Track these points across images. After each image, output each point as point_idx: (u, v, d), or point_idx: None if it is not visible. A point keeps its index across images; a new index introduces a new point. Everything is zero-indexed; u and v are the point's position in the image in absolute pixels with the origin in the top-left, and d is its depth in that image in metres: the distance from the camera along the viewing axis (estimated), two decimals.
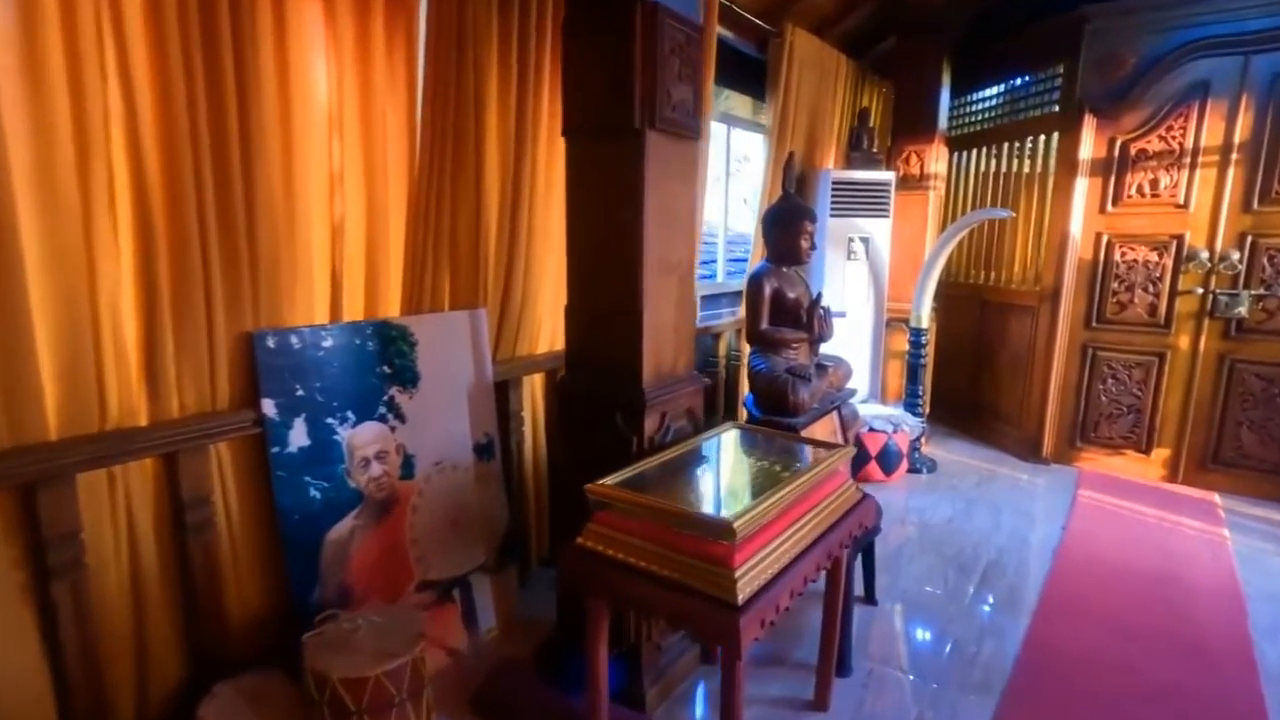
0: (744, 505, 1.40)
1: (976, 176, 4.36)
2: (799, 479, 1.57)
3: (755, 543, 1.39)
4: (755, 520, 1.37)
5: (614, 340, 1.83)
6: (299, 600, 1.75)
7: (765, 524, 1.42)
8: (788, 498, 1.50)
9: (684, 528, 1.37)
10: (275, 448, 1.70)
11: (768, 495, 1.45)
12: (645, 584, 1.39)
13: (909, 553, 2.86)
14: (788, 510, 1.51)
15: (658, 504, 1.41)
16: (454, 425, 2.13)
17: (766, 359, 2.85)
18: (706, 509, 1.49)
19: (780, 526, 1.48)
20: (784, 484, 1.52)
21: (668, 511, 1.39)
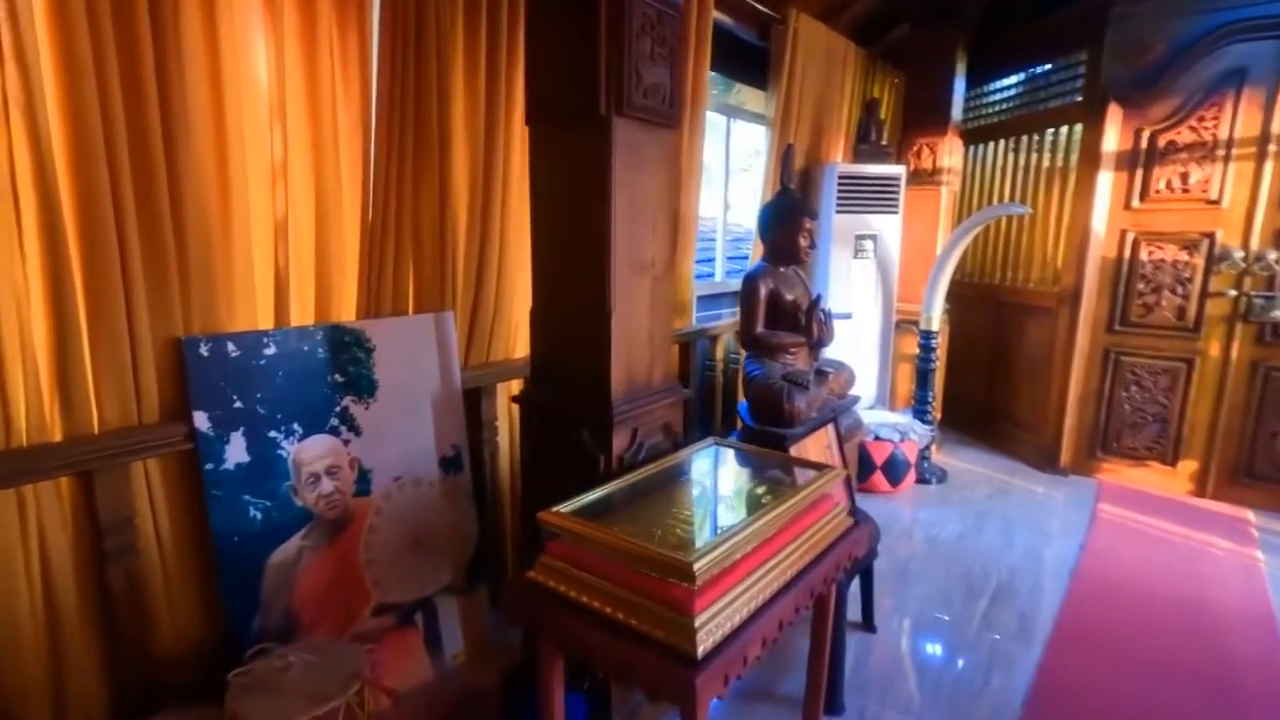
0: (707, 541, 1.23)
1: (992, 171, 4.14)
2: (781, 506, 1.40)
3: (722, 583, 1.22)
4: (722, 559, 1.20)
5: (580, 348, 1.67)
6: (236, 630, 1.61)
7: (736, 561, 1.25)
8: (766, 529, 1.33)
9: (640, 566, 1.21)
10: (209, 464, 1.56)
11: (741, 527, 1.28)
12: (596, 628, 1.23)
13: (914, 571, 2.67)
14: (766, 543, 1.35)
15: (610, 538, 1.25)
16: (416, 437, 1.99)
17: (762, 365, 2.68)
18: (670, 543, 1.33)
19: (754, 562, 1.31)
20: (763, 512, 1.36)
21: (620, 547, 1.23)
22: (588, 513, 1.42)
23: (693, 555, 1.16)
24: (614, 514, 1.46)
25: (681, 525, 1.41)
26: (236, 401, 1.61)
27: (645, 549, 1.20)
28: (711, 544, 1.20)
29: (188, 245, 1.50)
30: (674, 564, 1.15)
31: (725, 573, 1.23)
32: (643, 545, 1.21)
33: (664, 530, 1.39)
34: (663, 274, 1.76)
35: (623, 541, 1.23)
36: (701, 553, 1.17)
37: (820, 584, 1.46)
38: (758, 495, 1.58)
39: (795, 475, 1.70)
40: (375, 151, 1.81)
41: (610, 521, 1.42)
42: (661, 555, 1.17)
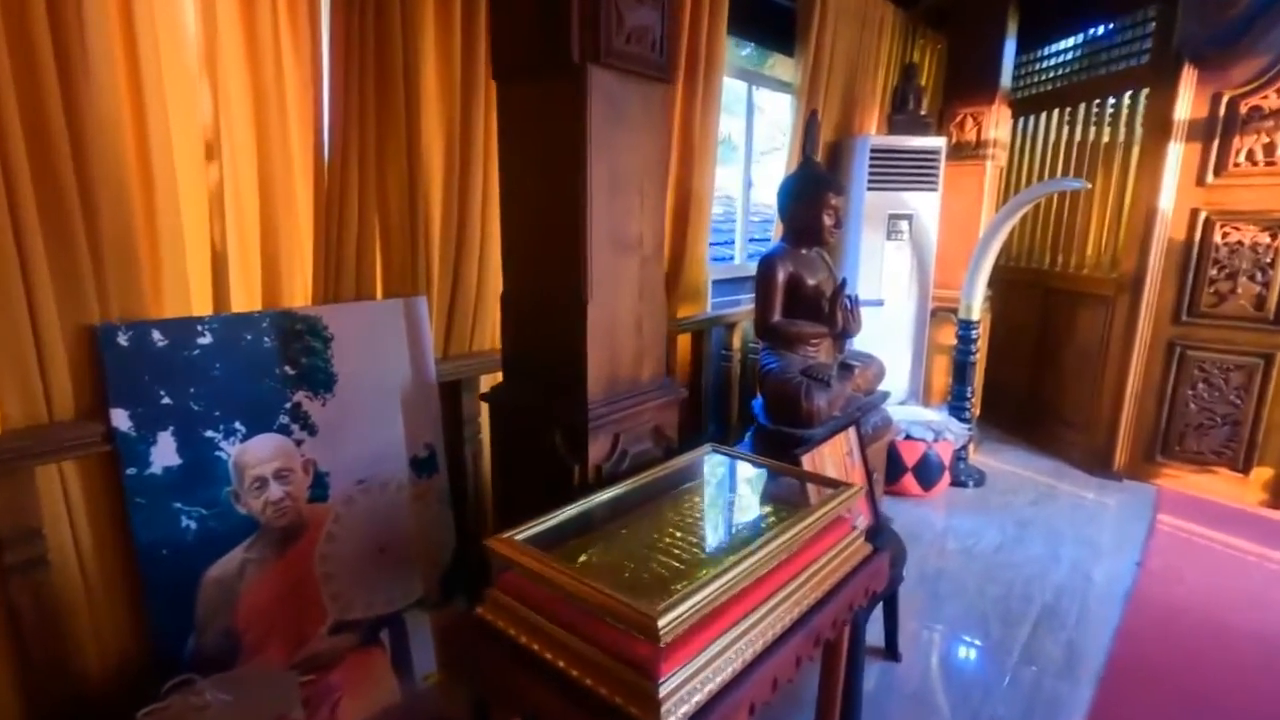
0: (685, 585, 0.99)
1: (1044, 145, 3.77)
2: (784, 534, 1.15)
3: (701, 637, 0.99)
4: (701, 606, 0.96)
5: (554, 340, 1.44)
6: (166, 653, 1.44)
7: (720, 607, 1.02)
8: (762, 564, 1.09)
9: (599, 614, 0.98)
10: (131, 468, 1.38)
11: (729, 565, 1.04)
12: (545, 684, 1.01)
13: (945, 589, 2.40)
14: (760, 582, 1.11)
15: (563, 577, 1.02)
16: (383, 436, 1.79)
17: (780, 357, 2.42)
18: (642, 583, 1.10)
19: (745, 606, 1.08)
20: (761, 542, 1.11)
21: (574, 591, 1.00)
22: (549, 538, 1.20)
23: (661, 606, 0.93)
24: (583, 539, 1.23)
25: (660, 557, 1.17)
26: (164, 397, 1.42)
27: (602, 595, 0.97)
28: (688, 590, 0.97)
29: (99, 219, 1.30)
30: (636, 617, 0.92)
31: (706, 623, 1.00)
32: (600, 590, 0.98)
33: (639, 564, 1.16)
34: (653, 254, 1.51)
35: (577, 583, 1.00)
36: (672, 602, 0.93)
37: (828, 628, 1.22)
38: (758, 517, 1.34)
39: (805, 491, 1.45)
40: (330, 109, 1.59)
41: (575, 550, 1.19)
42: (621, 605, 0.94)
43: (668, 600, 0.94)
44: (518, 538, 1.14)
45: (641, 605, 0.93)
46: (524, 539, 1.15)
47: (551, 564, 1.05)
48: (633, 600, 0.94)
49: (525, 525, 1.19)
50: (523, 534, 1.16)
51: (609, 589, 0.97)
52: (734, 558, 1.07)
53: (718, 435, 3.16)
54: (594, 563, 1.16)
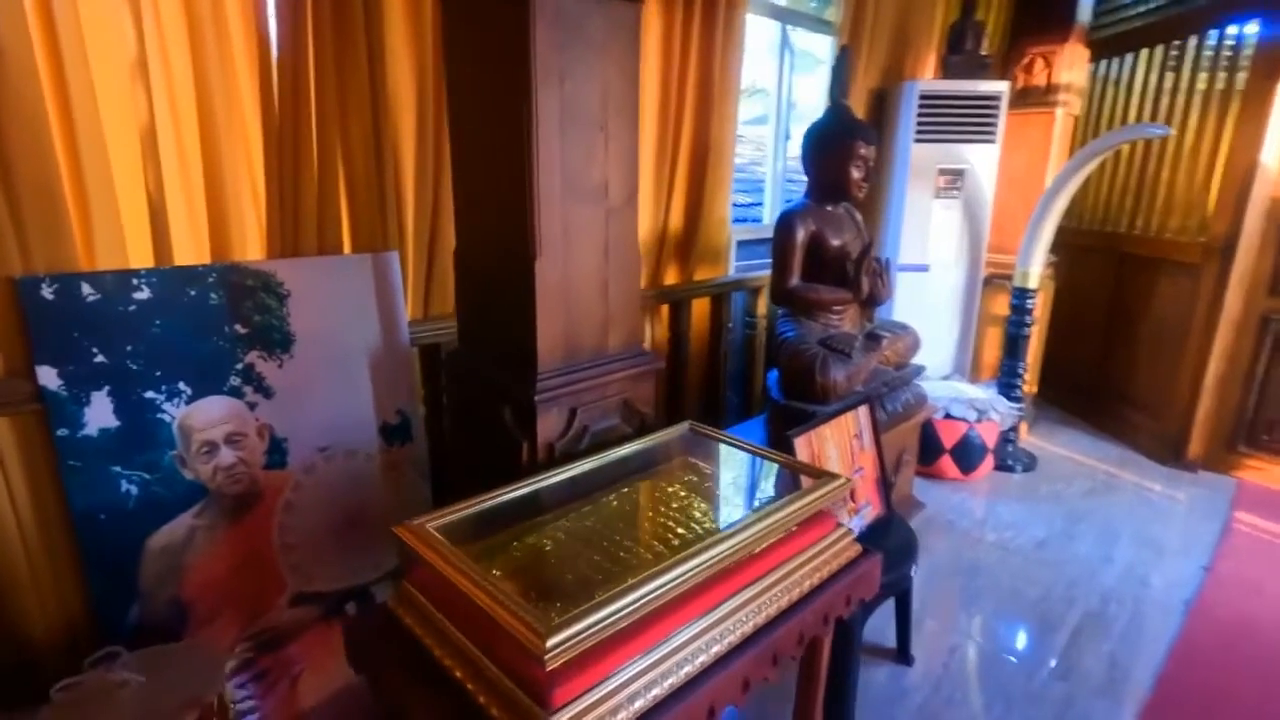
0: (597, 597, 0.83)
1: (1126, 91, 3.32)
2: (738, 536, 0.98)
3: (614, 657, 0.83)
4: (607, 624, 0.80)
5: (504, 301, 1.28)
6: (108, 621, 1.38)
7: (642, 622, 0.85)
8: (701, 571, 0.92)
9: (495, 625, 0.84)
10: (63, 429, 1.31)
11: (653, 574, 0.88)
12: (441, 702, 0.87)
13: (975, 588, 2.17)
14: (700, 592, 0.94)
15: (460, 577, 0.87)
16: (348, 401, 1.68)
17: (798, 325, 2.20)
18: (563, 586, 0.94)
19: (678, 621, 0.91)
20: (705, 545, 0.94)
21: (467, 592, 0.85)
22: (479, 525, 1.06)
23: (555, 622, 0.77)
24: (518, 528, 1.09)
25: (597, 556, 1.02)
26: (98, 355, 1.33)
27: (496, 603, 0.82)
28: (593, 605, 0.81)
29: (11, 161, 1.20)
30: (524, 635, 0.77)
31: (622, 639, 0.84)
32: (496, 596, 0.82)
33: (571, 562, 1.00)
34: (622, 206, 1.32)
35: (472, 585, 0.85)
36: (568, 619, 0.78)
37: (793, 645, 1.04)
38: (729, 512, 1.16)
39: (789, 481, 1.26)
40: (278, 31, 1.45)
41: (504, 541, 1.05)
42: (513, 618, 0.79)
43: (563, 617, 0.78)
44: (431, 525, 1.01)
45: (532, 620, 0.77)
46: (438, 526, 1.01)
47: (453, 559, 0.91)
48: (527, 614, 0.79)
49: (450, 509, 1.06)
50: (440, 520, 1.02)
51: (506, 595, 0.82)
52: (672, 561, 0.90)
53: (739, 410, 2.96)
54: (519, 558, 1.02)
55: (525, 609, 0.79)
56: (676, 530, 1.09)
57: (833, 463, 1.56)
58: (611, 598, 0.82)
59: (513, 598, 0.81)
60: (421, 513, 1.52)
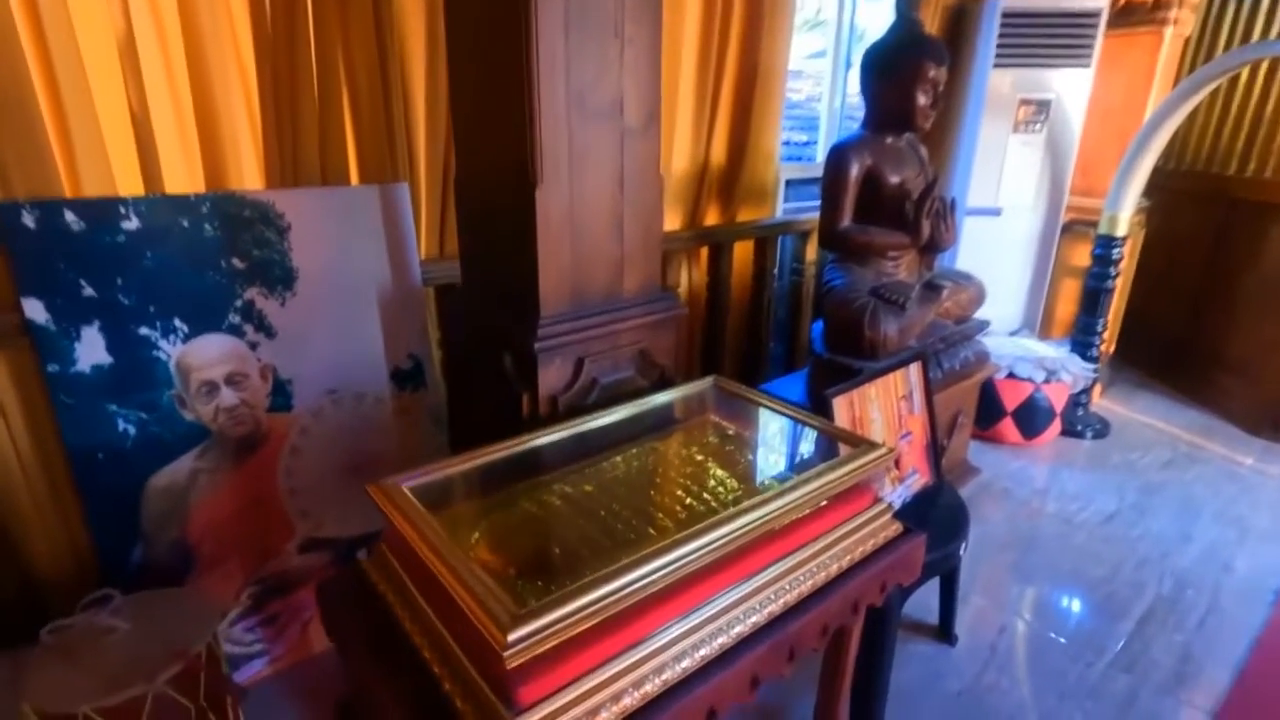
0: (581, 580, 0.71)
1: (1252, 7, 2.87)
2: (752, 514, 0.84)
3: (594, 652, 0.72)
4: (590, 613, 0.69)
5: (503, 235, 1.14)
6: (111, 560, 1.36)
7: (629, 612, 0.73)
8: (710, 550, 0.79)
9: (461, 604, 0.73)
10: (53, 365, 1.25)
11: (656, 550, 0.75)
12: (403, 680, 0.78)
13: (1031, 564, 1.99)
14: (709, 574, 0.81)
15: (425, 547, 0.77)
16: (357, 344, 1.59)
17: (847, 272, 2.00)
18: (542, 570, 0.83)
19: (675, 610, 0.79)
20: (713, 523, 0.81)
21: (432, 568, 0.74)
22: (460, 486, 0.95)
23: (520, 611, 0.65)
24: (510, 491, 0.98)
25: (594, 529, 0.90)
26: (86, 288, 1.26)
27: (458, 579, 0.71)
28: (567, 593, 0.69)
29: None
30: (483, 622, 0.66)
31: (607, 630, 0.72)
32: (458, 571, 0.71)
33: (562, 535, 0.89)
34: (642, 127, 1.15)
35: (436, 558, 0.74)
36: (539, 608, 0.66)
37: (814, 637, 0.91)
38: (746, 479, 1.03)
39: (826, 448, 1.11)
40: None
41: (492, 506, 0.94)
42: (475, 599, 0.68)
43: (529, 607, 0.66)
44: (408, 484, 0.90)
45: (496, 610, 0.66)
46: (417, 486, 0.90)
47: (422, 526, 0.80)
48: (491, 600, 0.67)
49: (434, 466, 0.95)
50: (420, 479, 0.92)
51: (472, 575, 0.71)
52: (672, 541, 0.77)
53: (782, 362, 2.79)
54: (504, 527, 0.91)
55: (491, 593, 0.68)
56: (686, 501, 0.96)
57: (876, 427, 1.39)
58: (593, 583, 0.70)
59: (479, 578, 0.70)
60: (435, 461, 1.43)
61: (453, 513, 0.90)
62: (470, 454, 0.97)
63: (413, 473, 0.92)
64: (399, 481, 0.90)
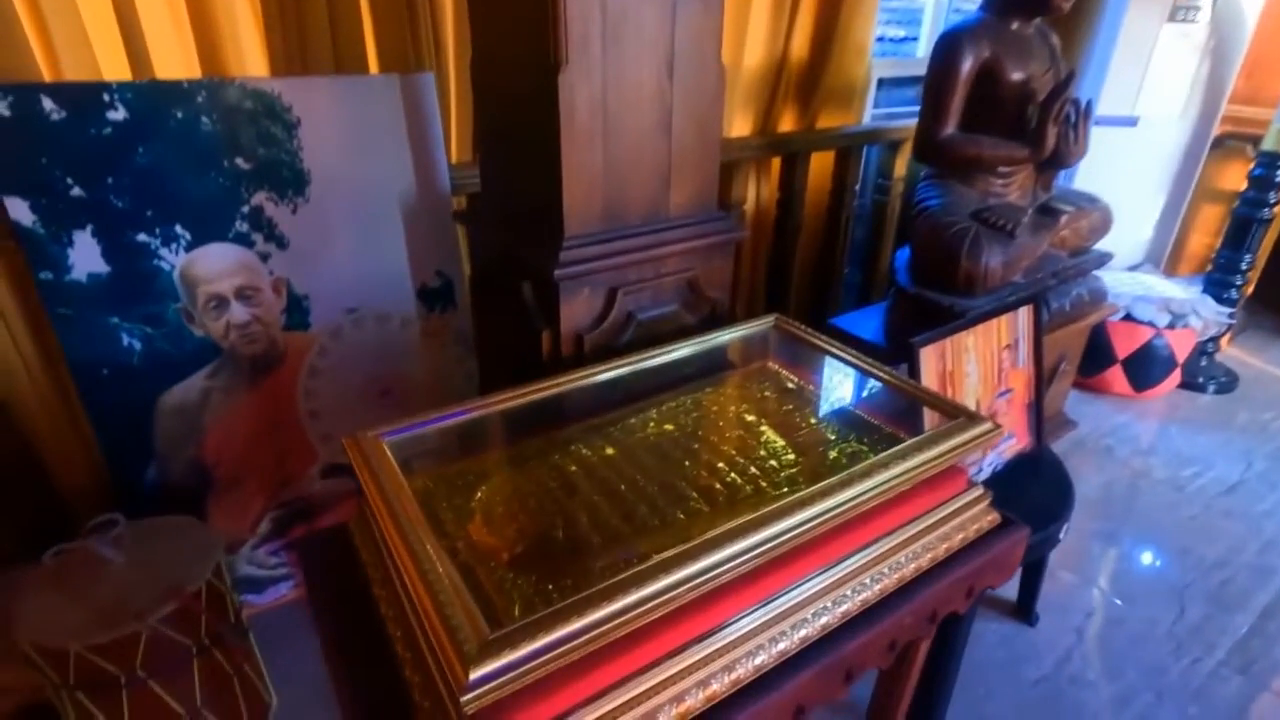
0: (573, 578, 0.55)
1: None
2: (819, 502, 0.65)
3: (587, 682, 0.56)
4: (580, 643, 0.52)
5: (524, 132, 0.93)
6: (126, 481, 1.30)
7: (629, 639, 0.57)
8: (744, 559, 0.61)
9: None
10: (45, 272, 1.14)
11: (676, 560, 0.58)
12: (372, 651, 0.65)
13: (1130, 535, 1.75)
14: (740, 586, 0.63)
15: (390, 524, 0.62)
16: (378, 258, 1.44)
17: (946, 190, 1.71)
18: (545, 556, 0.67)
19: (697, 625, 0.62)
20: (761, 516, 0.63)
21: (395, 558, 0.59)
22: (456, 442, 0.79)
23: (496, 632, 0.50)
24: (510, 452, 0.82)
25: (613, 506, 0.73)
26: (74, 188, 1.13)
27: (421, 576, 0.55)
28: (569, 605, 0.52)
29: None
30: (444, 644, 0.50)
31: (605, 657, 0.56)
32: (422, 566, 0.56)
33: (578, 513, 0.72)
34: (705, 11, 0.89)
35: (401, 540, 0.59)
36: (521, 629, 0.50)
37: (878, 655, 0.73)
38: (803, 451, 0.83)
39: (903, 414, 0.89)
40: None
41: (486, 471, 0.78)
42: (437, 609, 0.53)
43: (506, 629, 0.50)
44: (391, 438, 0.75)
45: (459, 626, 0.50)
46: (403, 441, 0.75)
47: (392, 496, 0.65)
48: (456, 611, 0.52)
49: (426, 417, 0.79)
50: (408, 432, 0.77)
51: (440, 572, 0.56)
52: (695, 547, 0.60)
53: (859, 292, 2.51)
54: (499, 500, 0.75)
55: (457, 603, 0.52)
56: (728, 476, 0.78)
57: (970, 383, 1.16)
58: (593, 600, 0.53)
59: (446, 579, 0.55)
60: (464, 389, 1.28)
61: (441, 476, 0.75)
62: (470, 403, 0.81)
63: (397, 424, 0.77)
64: (380, 434, 0.75)
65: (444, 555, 0.58)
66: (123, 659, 0.98)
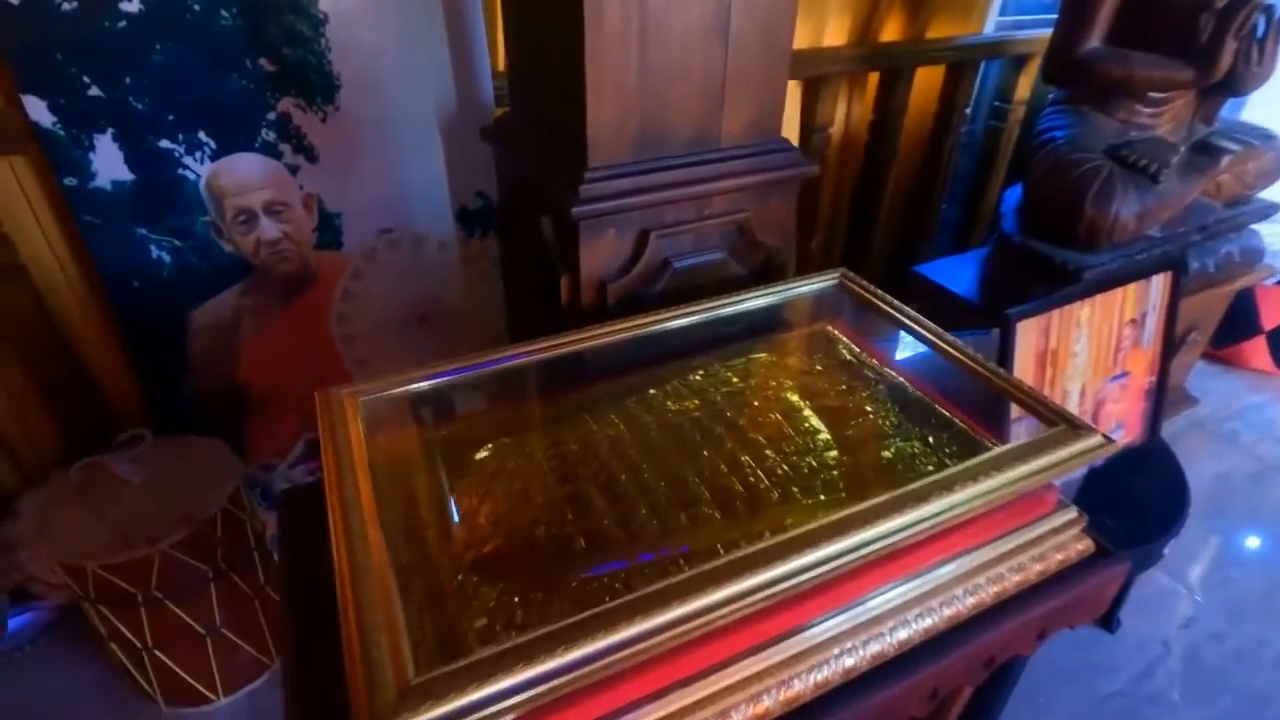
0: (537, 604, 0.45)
1: None
2: (870, 528, 0.52)
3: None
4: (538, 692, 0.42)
5: (547, 38, 0.78)
6: (162, 395, 1.30)
7: (610, 680, 0.46)
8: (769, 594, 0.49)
9: None
10: (69, 178, 1.10)
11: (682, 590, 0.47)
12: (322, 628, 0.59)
13: (1249, 539, 1.52)
14: (757, 621, 0.51)
15: (336, 507, 0.53)
16: (415, 175, 1.33)
17: (1078, 119, 1.44)
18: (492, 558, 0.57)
19: (700, 663, 0.51)
20: (793, 545, 0.51)
21: (339, 556, 0.51)
22: (440, 404, 0.70)
23: (422, 676, 0.41)
24: (500, 421, 0.71)
25: (611, 501, 0.62)
26: (92, 87, 1.06)
27: (355, 586, 0.47)
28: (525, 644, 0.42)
29: None
30: (359, 685, 0.42)
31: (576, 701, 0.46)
32: (358, 583, 0.47)
33: (564, 507, 0.62)
34: None
35: (342, 532, 0.50)
36: (443, 679, 0.41)
37: (917, 702, 0.61)
38: (855, 449, 0.69)
39: (987, 406, 0.73)
40: None
41: (470, 443, 0.68)
42: (357, 646, 0.44)
43: (434, 673, 0.41)
44: (367, 396, 0.66)
45: (374, 672, 0.41)
46: (377, 400, 0.66)
47: (348, 471, 0.56)
48: (372, 654, 0.43)
49: (411, 374, 0.70)
50: (390, 389, 0.67)
51: (369, 588, 0.46)
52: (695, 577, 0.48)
53: (956, 232, 2.23)
54: (480, 483, 0.65)
55: (380, 631, 0.43)
56: (752, 476, 0.65)
57: (1077, 364, 0.96)
58: (558, 641, 0.43)
59: (377, 591, 0.45)
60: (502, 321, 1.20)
61: (418, 447, 0.65)
62: (462, 359, 0.70)
63: (378, 381, 0.68)
64: (354, 393, 0.65)
65: (385, 559, 0.49)
66: (138, 579, 0.99)
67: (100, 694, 1.20)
